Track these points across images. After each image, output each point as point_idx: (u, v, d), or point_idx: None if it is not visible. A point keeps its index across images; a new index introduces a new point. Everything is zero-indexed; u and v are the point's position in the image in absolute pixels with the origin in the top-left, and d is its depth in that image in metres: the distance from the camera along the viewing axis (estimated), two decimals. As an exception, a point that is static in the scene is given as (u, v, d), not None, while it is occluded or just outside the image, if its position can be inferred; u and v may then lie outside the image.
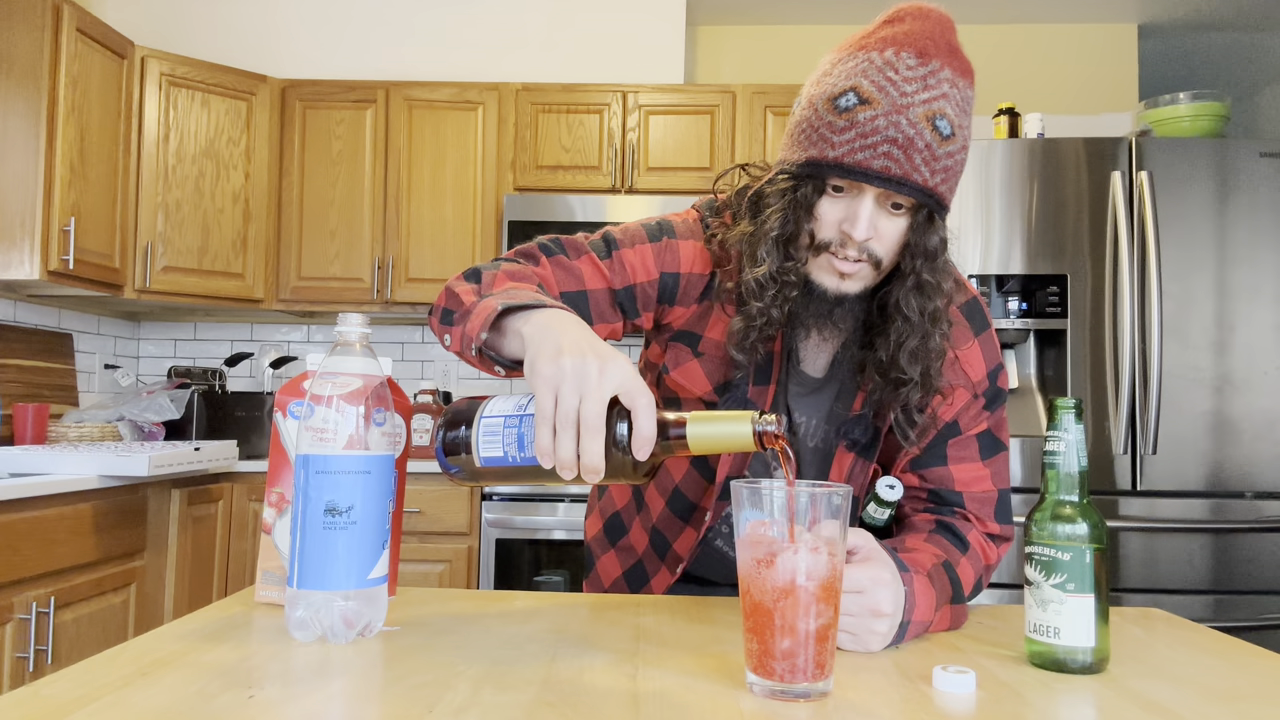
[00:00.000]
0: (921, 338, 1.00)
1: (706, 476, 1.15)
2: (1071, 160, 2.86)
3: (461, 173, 3.50)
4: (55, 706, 0.65)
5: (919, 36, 0.94)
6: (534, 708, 0.67)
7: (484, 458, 0.81)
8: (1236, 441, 2.78)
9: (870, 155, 0.92)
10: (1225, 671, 0.83)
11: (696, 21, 4.03)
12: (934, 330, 1.01)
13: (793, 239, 1.00)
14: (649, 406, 0.76)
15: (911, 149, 0.92)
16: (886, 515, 1.09)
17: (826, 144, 0.94)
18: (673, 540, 1.20)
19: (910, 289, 0.99)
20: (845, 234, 0.96)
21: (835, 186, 0.96)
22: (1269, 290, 2.81)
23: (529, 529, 3.05)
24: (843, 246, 0.97)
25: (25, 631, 2.14)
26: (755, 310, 1.01)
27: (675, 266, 1.10)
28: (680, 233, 1.11)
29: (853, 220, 0.95)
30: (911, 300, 0.99)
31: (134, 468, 2.40)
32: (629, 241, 1.10)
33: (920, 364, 1.01)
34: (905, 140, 0.91)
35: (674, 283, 1.10)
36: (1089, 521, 0.82)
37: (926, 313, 1.00)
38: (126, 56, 3.14)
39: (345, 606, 0.83)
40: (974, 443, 1.10)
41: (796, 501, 0.72)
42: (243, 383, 3.76)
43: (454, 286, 1.00)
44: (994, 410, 1.11)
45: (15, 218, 2.74)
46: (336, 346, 0.86)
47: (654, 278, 1.09)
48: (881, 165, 0.92)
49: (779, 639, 0.71)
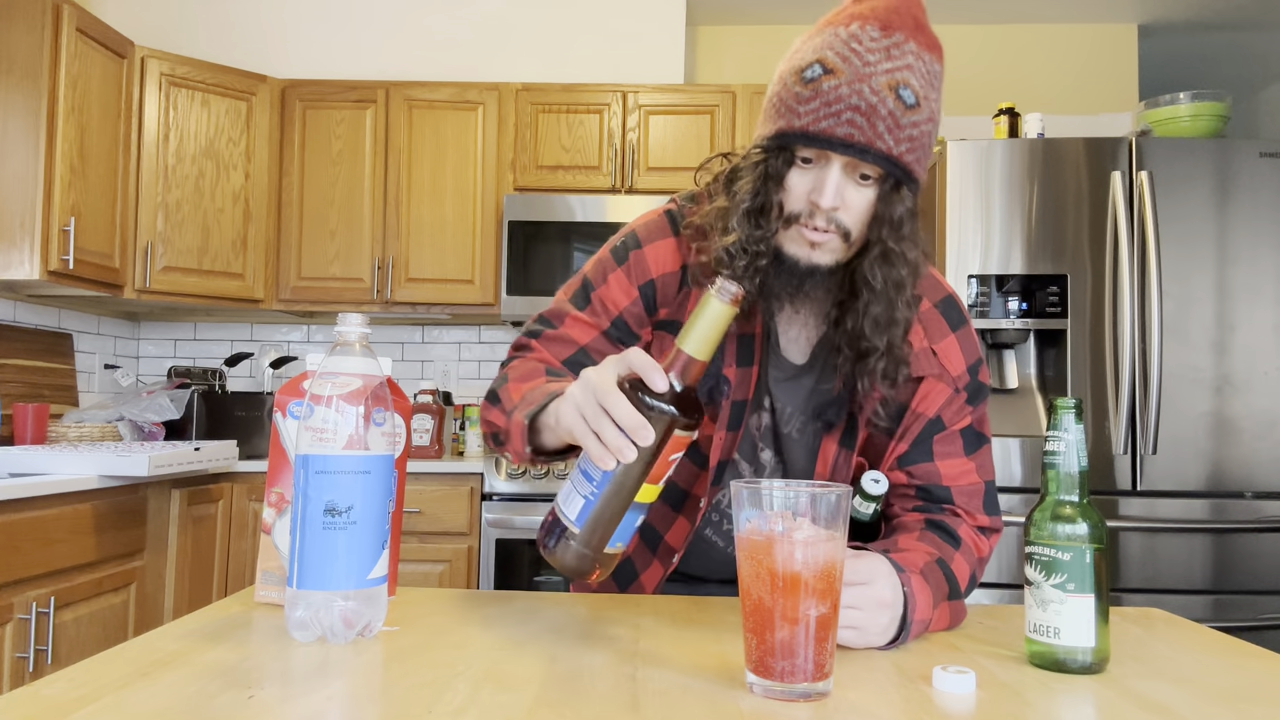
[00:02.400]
0: (886, 306, 1.02)
1: (699, 463, 1.15)
2: (1071, 160, 2.86)
3: (461, 173, 3.50)
4: (55, 706, 0.65)
5: (885, 11, 0.96)
6: (534, 708, 0.67)
7: (572, 517, 0.85)
8: (1236, 441, 2.78)
9: (834, 123, 0.94)
10: (1225, 671, 0.83)
11: (696, 21, 4.03)
12: (898, 299, 1.02)
13: (763, 210, 1.02)
14: (639, 350, 0.84)
15: (874, 116, 0.93)
16: (872, 510, 1.09)
17: (793, 114, 0.97)
18: (665, 532, 1.20)
19: (876, 258, 1.01)
20: (813, 203, 0.98)
21: (804, 158, 0.99)
22: (1269, 290, 2.81)
23: (529, 529, 3.05)
24: (811, 217, 0.99)
25: (25, 631, 2.14)
26: None
27: (646, 275, 1.13)
28: (644, 238, 1.14)
29: (820, 189, 0.97)
30: (877, 270, 1.01)
31: (134, 468, 2.40)
32: (601, 277, 1.14)
33: (884, 333, 1.03)
34: (868, 108, 0.93)
35: (651, 290, 1.13)
36: (1089, 521, 0.82)
37: (891, 282, 1.01)
38: (126, 56, 3.14)
39: (345, 606, 0.83)
40: (958, 438, 1.12)
41: (796, 501, 0.72)
42: (243, 383, 3.76)
43: (486, 415, 1.09)
44: (976, 405, 1.13)
45: (15, 218, 2.74)
46: (336, 346, 0.86)
47: (634, 297, 1.13)
48: (845, 133, 0.94)
49: (779, 639, 0.71)
